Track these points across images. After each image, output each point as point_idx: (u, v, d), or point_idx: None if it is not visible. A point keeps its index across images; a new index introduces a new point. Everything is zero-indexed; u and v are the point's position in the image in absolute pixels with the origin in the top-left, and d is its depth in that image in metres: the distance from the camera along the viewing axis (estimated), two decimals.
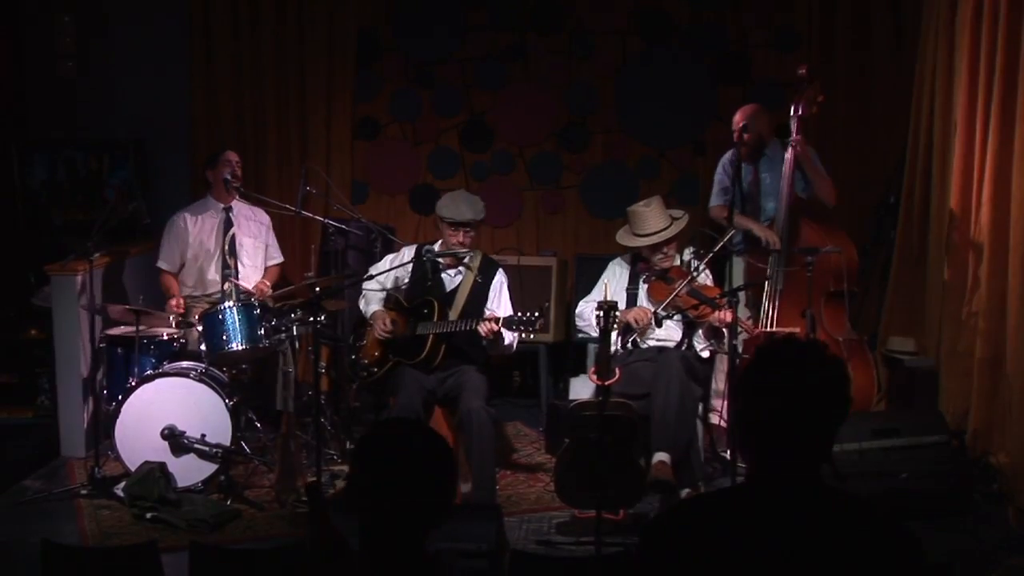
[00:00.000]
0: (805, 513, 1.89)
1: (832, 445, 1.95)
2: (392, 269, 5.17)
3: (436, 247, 5.15)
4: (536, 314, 4.67)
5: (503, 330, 4.86)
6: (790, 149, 5.38)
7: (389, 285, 5.23)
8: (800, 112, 5.40)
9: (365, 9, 6.93)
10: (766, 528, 1.87)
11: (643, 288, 5.14)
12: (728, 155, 5.76)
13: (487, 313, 4.96)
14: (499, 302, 5.11)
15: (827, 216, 5.63)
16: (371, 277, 5.22)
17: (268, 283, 6.01)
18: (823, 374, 1.91)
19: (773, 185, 5.60)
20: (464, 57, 6.94)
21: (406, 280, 5.19)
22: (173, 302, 5.73)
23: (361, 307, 5.27)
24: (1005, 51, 4.73)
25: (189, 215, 5.99)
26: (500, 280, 5.15)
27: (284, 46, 6.85)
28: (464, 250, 5.03)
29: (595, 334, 5.04)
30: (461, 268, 5.10)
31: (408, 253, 5.23)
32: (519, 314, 4.77)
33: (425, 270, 5.09)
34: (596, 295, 5.09)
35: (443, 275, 5.13)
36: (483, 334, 4.81)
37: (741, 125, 5.44)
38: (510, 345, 5.03)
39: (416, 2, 6.91)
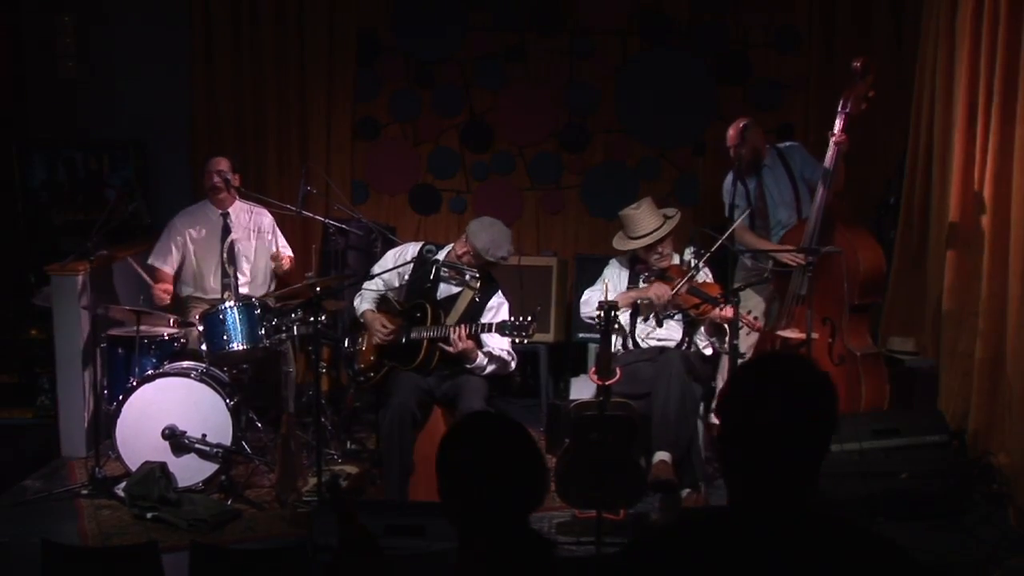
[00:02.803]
0: (792, 541, 1.80)
1: (819, 468, 1.85)
2: (396, 268, 5.16)
3: (444, 252, 5.14)
4: (529, 319, 4.64)
5: (478, 354, 4.87)
6: (832, 146, 5.07)
7: (396, 283, 5.22)
8: (848, 109, 5.06)
9: (365, 9, 6.93)
10: (751, 557, 1.79)
11: (643, 287, 5.14)
12: (728, 179, 5.58)
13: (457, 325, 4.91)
14: (494, 319, 4.99)
15: (858, 221, 5.49)
16: (373, 276, 5.21)
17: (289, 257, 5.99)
18: (810, 389, 1.85)
19: (781, 195, 5.55)
20: (464, 57, 6.94)
21: (407, 277, 5.19)
22: (160, 285, 5.74)
23: (355, 304, 5.26)
24: (1005, 51, 4.73)
25: (188, 222, 5.96)
26: (499, 301, 5.09)
27: (284, 46, 6.85)
28: (469, 269, 4.99)
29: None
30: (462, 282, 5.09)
31: (412, 250, 5.22)
32: (511, 319, 4.74)
33: (426, 272, 5.08)
34: (601, 286, 5.08)
35: (442, 283, 5.12)
36: (451, 338, 4.79)
37: (736, 142, 5.35)
38: (481, 367, 4.95)
39: (416, 2, 6.91)
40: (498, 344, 4.97)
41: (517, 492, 2.05)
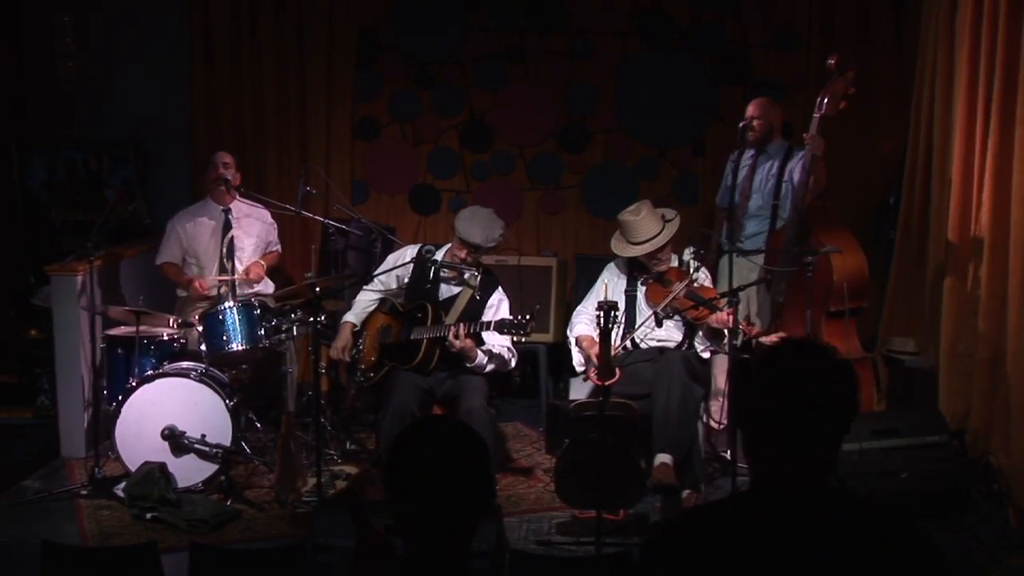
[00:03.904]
0: (815, 521, 1.85)
1: (838, 451, 1.91)
2: (393, 269, 5.17)
3: (442, 252, 5.15)
4: (527, 317, 4.65)
5: (477, 352, 4.88)
6: (807, 149, 5.12)
7: (393, 285, 5.22)
8: (824, 110, 5.07)
9: (365, 9, 6.93)
10: (776, 538, 1.83)
11: (641, 291, 5.14)
12: (733, 155, 5.75)
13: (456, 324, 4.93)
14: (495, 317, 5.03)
15: (838, 222, 5.53)
16: (372, 279, 5.21)
17: (263, 263, 5.99)
18: (831, 375, 1.89)
19: (764, 181, 5.59)
20: (464, 57, 6.94)
21: (407, 280, 5.19)
22: (197, 283, 5.75)
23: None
24: (1005, 51, 4.73)
25: (188, 218, 6.01)
26: (499, 298, 5.11)
27: (284, 46, 6.86)
28: (468, 267, 5.00)
29: (574, 359, 5.07)
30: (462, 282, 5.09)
31: (410, 252, 5.22)
32: (510, 317, 4.76)
33: (425, 273, 5.09)
34: (593, 299, 5.07)
35: (442, 284, 5.13)
36: (449, 338, 4.79)
37: (754, 113, 5.56)
38: (481, 366, 4.95)
39: (416, 2, 6.91)
40: (498, 341, 4.97)
41: (459, 502, 1.99)
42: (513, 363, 5.10)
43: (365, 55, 6.96)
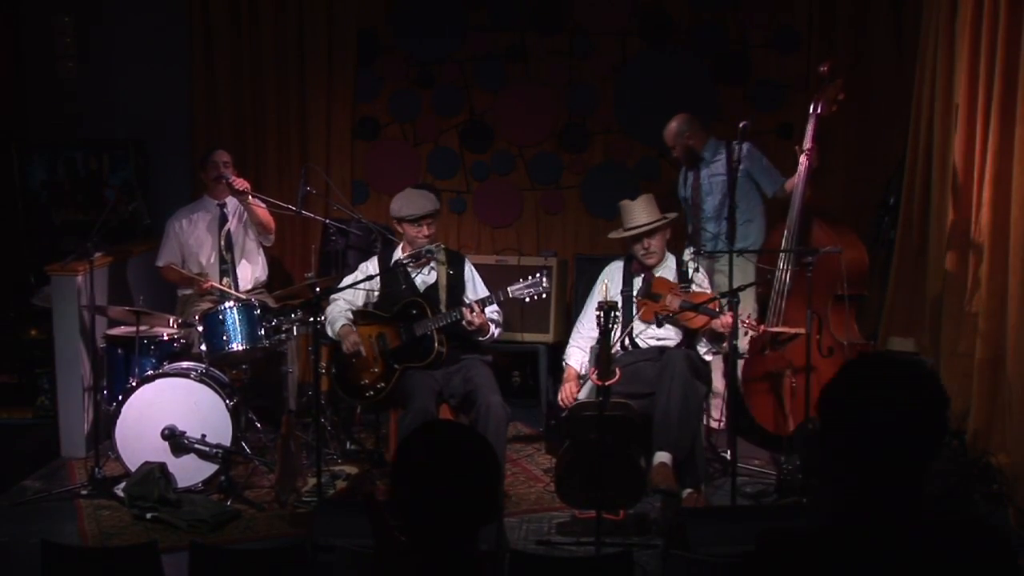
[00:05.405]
0: (918, 550, 1.75)
1: (925, 473, 1.81)
2: (360, 282, 5.15)
3: (399, 252, 5.18)
4: (539, 275, 4.86)
5: (489, 324, 5.01)
6: (803, 156, 5.32)
7: (360, 303, 5.22)
8: (819, 111, 5.32)
9: (365, 9, 6.93)
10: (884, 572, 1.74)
11: (639, 291, 5.13)
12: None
13: (468, 303, 5.03)
14: (475, 287, 5.23)
15: (838, 217, 5.62)
16: (335, 300, 5.20)
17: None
18: (921, 396, 1.79)
19: (713, 184, 5.73)
20: (464, 57, 6.94)
21: (376, 293, 5.21)
22: (206, 284, 5.77)
23: (329, 333, 5.17)
24: (1005, 51, 4.73)
25: (184, 217, 6.03)
26: (470, 267, 5.28)
27: (284, 46, 6.86)
28: (431, 245, 5.08)
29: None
30: (432, 264, 5.13)
31: (372, 266, 5.23)
32: (522, 280, 4.91)
33: (396, 277, 5.11)
34: (591, 308, 5.06)
35: (415, 277, 5.16)
36: (467, 318, 4.89)
37: (669, 144, 5.82)
38: (493, 336, 5.12)
39: (416, 2, 6.91)
40: (490, 308, 5.13)
41: (467, 505, 1.99)
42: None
43: (365, 55, 6.96)
